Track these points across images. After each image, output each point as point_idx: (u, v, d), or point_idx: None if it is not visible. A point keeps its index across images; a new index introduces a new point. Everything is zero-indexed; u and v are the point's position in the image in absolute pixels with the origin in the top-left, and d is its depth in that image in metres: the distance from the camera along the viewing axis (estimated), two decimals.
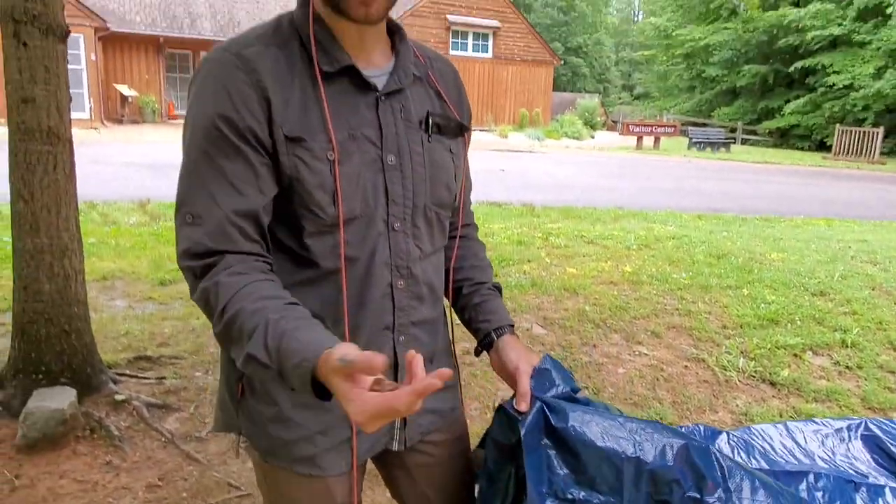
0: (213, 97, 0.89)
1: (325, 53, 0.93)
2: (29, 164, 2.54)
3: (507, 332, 1.12)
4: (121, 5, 19.83)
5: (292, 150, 0.90)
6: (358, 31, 0.96)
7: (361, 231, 0.96)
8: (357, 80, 0.95)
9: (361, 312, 0.99)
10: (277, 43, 0.93)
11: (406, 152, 0.99)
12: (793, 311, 4.36)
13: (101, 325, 3.65)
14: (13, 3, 2.44)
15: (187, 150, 0.91)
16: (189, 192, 0.90)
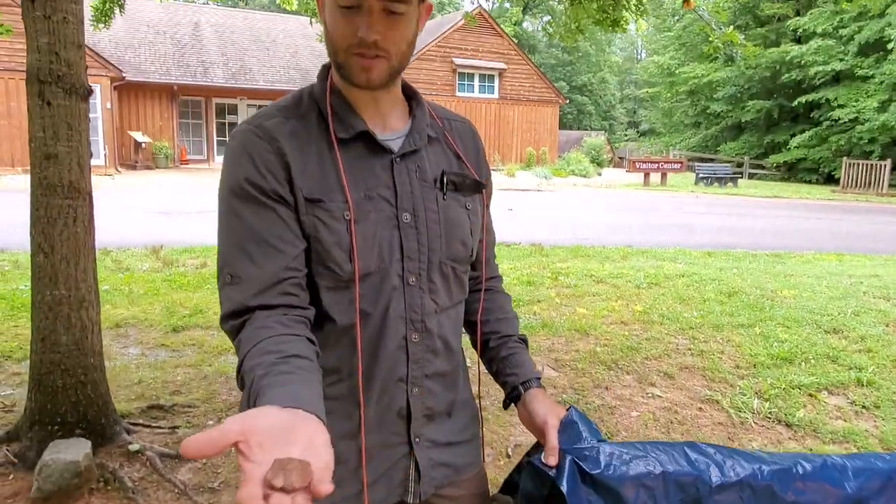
0: (239, 165, 0.96)
1: (341, 121, 1.00)
2: (50, 217, 2.61)
3: (534, 386, 1.14)
4: (136, 55, 20.43)
5: (311, 210, 0.96)
6: (372, 99, 1.03)
7: (376, 286, 1.00)
8: (372, 144, 1.01)
9: (375, 364, 1.02)
10: (297, 115, 1.01)
11: (421, 210, 1.03)
12: (806, 350, 4.32)
13: (115, 374, 3.68)
14: (39, 65, 2.55)
15: (222, 215, 0.98)
16: (227, 254, 0.95)
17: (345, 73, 0.97)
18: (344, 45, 0.95)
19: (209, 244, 7.89)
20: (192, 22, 23.23)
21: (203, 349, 4.26)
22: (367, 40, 0.93)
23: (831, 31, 24.86)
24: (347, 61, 0.96)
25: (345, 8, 0.93)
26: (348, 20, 0.93)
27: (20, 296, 5.26)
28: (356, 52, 0.94)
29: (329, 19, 0.96)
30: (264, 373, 0.81)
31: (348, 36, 0.94)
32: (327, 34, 0.98)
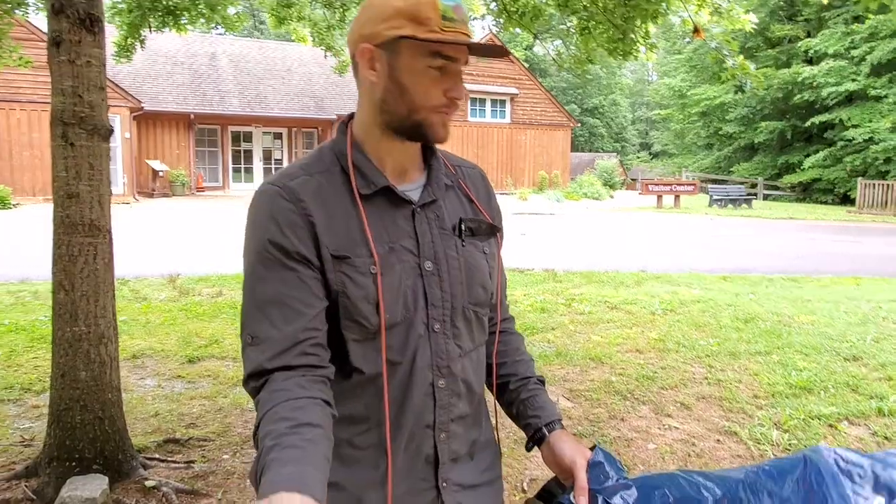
0: (263, 225, 0.99)
1: (363, 177, 1.03)
2: (71, 255, 2.66)
3: (557, 428, 1.15)
4: (154, 86, 20.87)
5: (338, 267, 0.98)
6: (398, 154, 1.07)
7: (403, 335, 1.02)
8: (393, 197, 1.05)
9: (403, 413, 1.04)
10: (320, 171, 1.03)
11: (442, 258, 1.06)
12: (825, 379, 4.26)
13: (132, 407, 3.70)
14: (63, 107, 2.62)
15: (246, 276, 1.01)
16: (249, 315, 0.98)
17: (423, 129, 1.01)
18: (431, 104, 1.00)
19: (224, 273, 7.97)
20: (209, 52, 23.72)
21: (218, 380, 4.28)
22: (460, 101, 1.00)
23: (843, 52, 24.87)
24: (429, 118, 1.00)
25: (435, 69, 0.98)
26: (437, 81, 0.99)
27: (40, 327, 5.33)
28: (443, 111, 1.00)
29: (411, 80, 0.99)
30: (273, 444, 0.84)
31: (437, 96, 0.99)
32: (404, 94, 1.00)
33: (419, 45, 0.97)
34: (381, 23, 0.98)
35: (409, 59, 0.98)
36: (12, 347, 4.85)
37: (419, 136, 1.03)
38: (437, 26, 0.96)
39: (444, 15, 0.95)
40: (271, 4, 6.33)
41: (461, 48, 0.99)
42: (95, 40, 2.61)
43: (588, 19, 3.99)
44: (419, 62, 0.98)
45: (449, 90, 0.99)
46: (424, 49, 0.97)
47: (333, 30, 6.72)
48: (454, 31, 0.97)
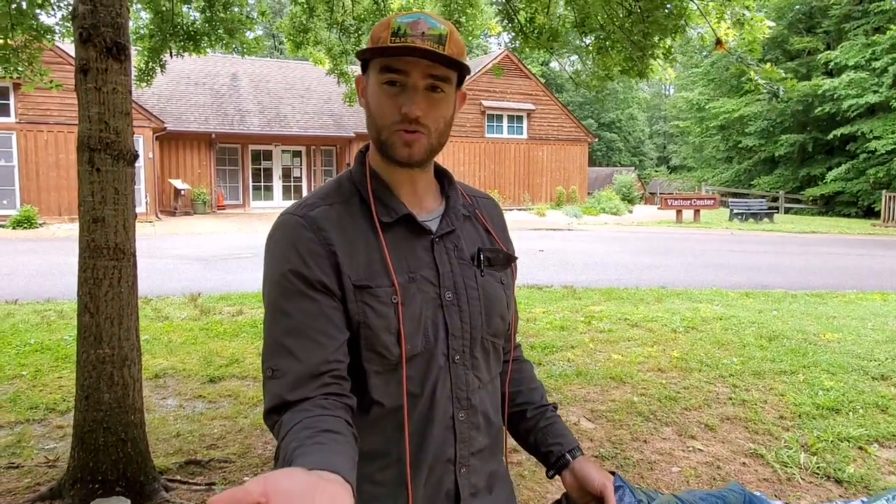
0: (283, 255, 0.98)
1: (384, 206, 1.03)
2: (96, 279, 2.71)
3: (578, 454, 1.19)
4: (177, 107, 21.26)
5: (360, 297, 0.97)
6: (410, 180, 1.06)
7: (423, 366, 1.01)
8: (413, 226, 1.04)
9: (424, 447, 1.02)
10: (340, 200, 1.04)
11: (462, 288, 1.06)
12: (854, 399, 4.17)
13: (154, 427, 3.73)
14: (90, 133, 2.68)
15: (266, 306, 1.00)
16: (270, 347, 0.97)
17: (387, 150, 1.00)
18: (388, 122, 0.99)
19: (245, 291, 8.04)
20: (230, 73, 24.13)
21: (239, 400, 4.30)
22: (411, 115, 0.97)
23: (864, 64, 24.59)
24: (390, 138, 0.99)
25: (389, 85, 0.98)
26: (393, 99, 0.98)
27: (65, 346, 5.41)
28: (399, 129, 0.99)
29: (373, 100, 1.01)
30: (297, 445, 0.83)
31: (392, 113, 0.98)
32: (370, 115, 1.02)
33: (375, 64, 1.00)
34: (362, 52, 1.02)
35: (372, 79, 1.01)
36: (38, 367, 4.93)
37: (388, 157, 1.02)
38: (387, 41, 0.96)
39: (395, 31, 0.96)
40: (288, 29, 6.45)
41: (415, 61, 0.97)
42: (122, 68, 2.67)
43: (605, 38, 4.00)
44: (375, 81, 1.00)
45: (403, 106, 0.98)
46: (378, 66, 0.99)
47: (348, 55, 6.82)
48: (404, 45, 0.95)
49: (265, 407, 0.96)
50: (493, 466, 1.14)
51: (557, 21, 4.15)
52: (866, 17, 25.54)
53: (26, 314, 6.70)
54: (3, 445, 3.55)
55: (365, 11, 6.42)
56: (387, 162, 1.04)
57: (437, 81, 0.98)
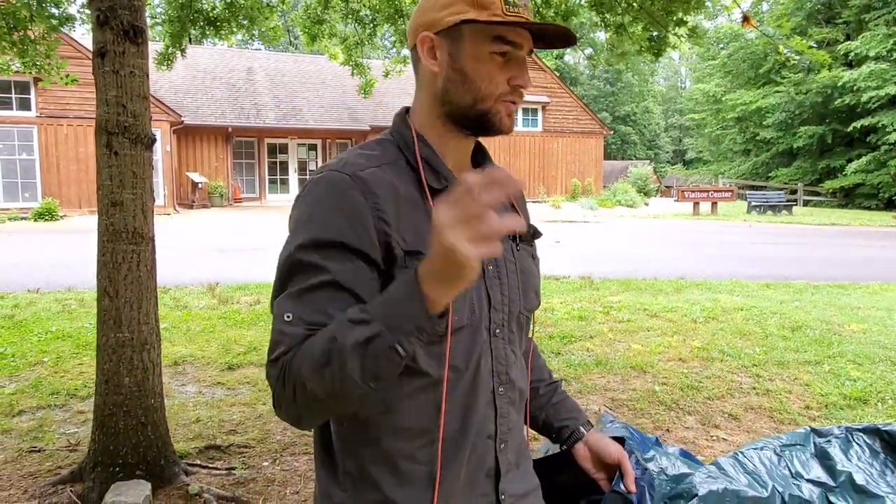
0: (327, 218, 0.90)
1: (433, 171, 0.98)
2: (115, 262, 2.70)
3: (591, 427, 1.23)
4: (194, 100, 21.38)
5: (410, 263, 0.90)
6: (463, 149, 1.04)
7: (468, 339, 0.97)
8: None
9: (468, 423, 0.98)
10: (387, 162, 0.97)
11: (502, 262, 1.03)
12: (882, 389, 4.08)
13: (173, 413, 3.73)
14: (107, 117, 2.67)
15: (291, 259, 0.90)
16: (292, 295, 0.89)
17: (488, 119, 0.97)
18: (496, 92, 0.96)
19: (262, 281, 8.05)
20: (246, 67, 24.21)
21: (258, 387, 4.30)
22: (525, 87, 0.96)
23: (885, 55, 24.12)
24: (494, 107, 0.96)
25: (499, 55, 0.95)
26: (501, 68, 0.95)
27: (85, 334, 5.45)
28: (507, 99, 0.96)
29: (475, 67, 0.95)
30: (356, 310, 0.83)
31: (501, 83, 0.95)
32: (466, 82, 0.96)
33: (482, 31, 0.94)
34: (441, 10, 0.95)
35: (472, 45, 0.95)
36: (59, 354, 4.96)
37: (483, 128, 0.98)
38: (500, 10, 0.92)
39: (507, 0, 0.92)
40: (303, 21, 6.39)
41: (525, 34, 0.95)
42: (139, 51, 2.66)
43: (623, 14, 3.91)
44: (482, 48, 0.95)
45: (514, 78, 0.95)
46: (487, 34, 0.94)
47: (363, 46, 6.75)
48: (517, 15, 0.93)
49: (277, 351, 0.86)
50: (520, 440, 1.12)
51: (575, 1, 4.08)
52: (887, 6, 25.02)
53: (48, 303, 6.77)
54: (25, 430, 3.57)
55: (380, 1, 6.36)
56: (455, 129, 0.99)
57: (529, 55, 0.99)
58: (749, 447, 1.42)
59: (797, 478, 1.36)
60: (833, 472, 1.38)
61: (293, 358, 0.84)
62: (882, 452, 1.42)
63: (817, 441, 1.44)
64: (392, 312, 0.78)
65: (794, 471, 1.38)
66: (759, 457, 1.38)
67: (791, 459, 1.39)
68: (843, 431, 1.45)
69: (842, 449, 1.41)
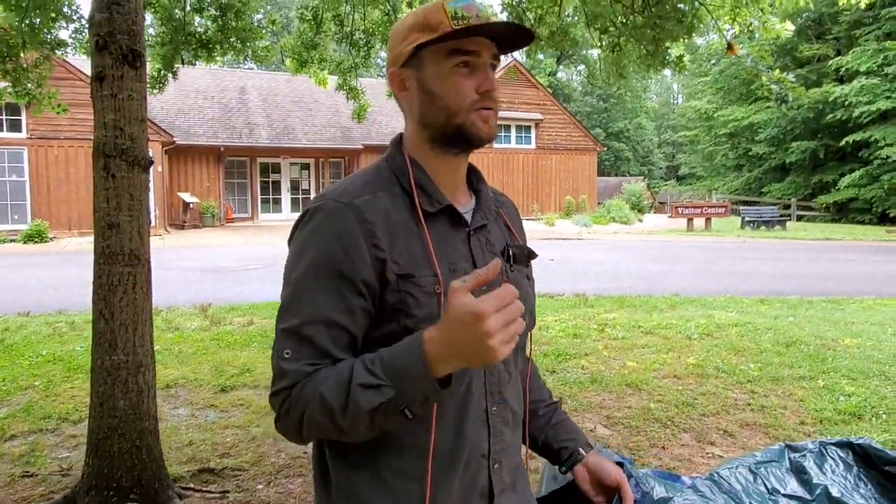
0: (325, 245, 0.95)
1: (427, 195, 1.02)
2: (111, 285, 2.70)
3: (591, 448, 1.24)
4: (186, 120, 21.43)
5: (403, 286, 0.96)
6: (454, 171, 1.06)
7: None
8: (453, 217, 1.04)
9: (461, 441, 1.00)
10: (382, 188, 1.01)
11: (495, 282, 1.04)
12: (876, 404, 4.09)
13: (166, 436, 3.71)
14: (105, 140, 2.68)
15: (293, 288, 0.96)
16: (290, 331, 0.95)
17: (466, 131, 1.00)
18: (466, 104, 0.99)
19: (255, 301, 8.03)
20: (239, 87, 24.33)
21: (251, 409, 4.27)
22: (493, 91, 0.99)
23: (876, 70, 24.43)
24: (468, 118, 0.99)
25: (461, 67, 0.98)
26: (465, 79, 0.99)
27: (76, 357, 5.41)
28: (479, 107, 0.99)
29: (440, 84, 0.99)
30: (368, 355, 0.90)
31: (468, 93, 0.99)
32: (436, 101, 1.00)
33: (438, 50, 0.98)
34: (400, 44, 1.01)
35: (433, 66, 0.99)
36: (50, 377, 4.93)
37: (463, 140, 1.01)
38: (448, 26, 0.96)
39: (453, 15, 0.96)
40: (294, 47, 6.42)
41: (482, 41, 0.99)
42: (137, 74, 2.68)
43: (618, 36, 3.98)
44: (443, 66, 0.99)
45: (480, 85, 0.99)
46: (442, 51, 0.98)
47: (357, 69, 6.80)
48: (465, 24, 0.96)
49: (279, 385, 0.93)
50: (516, 461, 1.14)
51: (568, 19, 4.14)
52: (877, 22, 25.40)
53: (38, 326, 6.72)
54: (17, 455, 3.54)
55: (374, 24, 6.41)
56: (441, 150, 1.03)
57: (495, 60, 1.01)
58: (724, 466, 1.44)
59: (774, 494, 1.38)
60: (809, 485, 1.40)
61: (298, 393, 0.91)
62: (855, 465, 1.44)
63: (792, 456, 1.46)
64: (404, 385, 0.84)
65: (771, 487, 1.39)
66: (735, 476, 1.40)
67: (767, 476, 1.42)
68: (818, 446, 1.47)
69: (816, 463, 1.43)
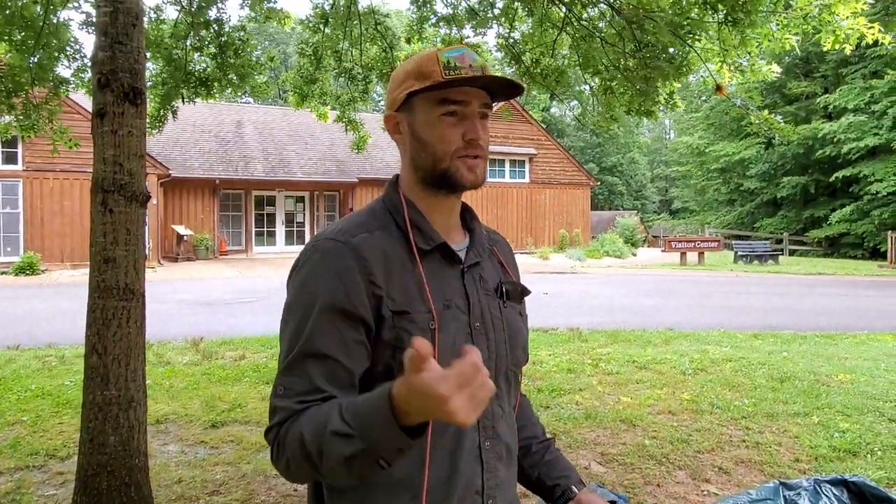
0: (324, 283, 0.98)
1: (422, 233, 1.05)
2: (105, 319, 2.70)
3: (583, 486, 1.23)
4: (182, 153, 21.56)
5: (398, 322, 0.98)
6: (447, 210, 1.10)
7: None
8: (447, 255, 1.07)
9: (455, 477, 1.01)
10: (378, 227, 1.05)
11: (488, 318, 1.08)
12: (871, 441, 4.08)
13: (156, 473, 3.65)
14: (104, 175, 2.71)
15: (292, 324, 0.99)
16: (289, 367, 0.97)
17: (451, 177, 1.04)
18: (451, 150, 1.03)
19: (248, 335, 7.99)
20: (235, 120, 24.56)
21: (241, 446, 4.22)
22: (478, 140, 1.03)
23: (863, 107, 24.90)
24: (453, 164, 1.03)
25: (449, 116, 1.02)
26: (453, 128, 1.02)
27: (65, 392, 5.35)
28: (462, 155, 1.03)
29: (428, 131, 1.03)
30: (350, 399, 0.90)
31: (454, 140, 1.03)
32: (425, 146, 1.04)
33: (428, 98, 1.02)
34: (396, 89, 1.06)
35: (423, 113, 1.04)
36: (38, 412, 4.86)
37: (449, 185, 1.05)
38: (440, 75, 1.00)
39: (445, 65, 1.00)
40: (295, 81, 6.55)
41: (472, 91, 1.03)
42: (137, 111, 2.72)
43: (611, 79, 4.08)
44: (432, 113, 1.03)
45: (466, 133, 1.02)
46: (433, 99, 1.02)
47: (356, 102, 6.92)
48: (457, 75, 1.00)
49: (272, 421, 0.96)
50: (510, 497, 1.14)
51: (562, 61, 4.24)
52: (863, 61, 25.98)
53: (27, 360, 6.65)
54: (2, 492, 3.47)
55: (372, 60, 6.55)
56: (433, 191, 1.06)
57: (486, 109, 1.05)
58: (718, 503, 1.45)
59: None
60: None
61: (286, 431, 0.92)
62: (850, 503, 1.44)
63: (787, 494, 1.46)
64: (374, 436, 0.83)
65: None
66: None
67: None
68: (812, 483, 1.47)
69: (811, 501, 1.43)
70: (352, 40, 6.22)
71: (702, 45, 3.97)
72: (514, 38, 5.02)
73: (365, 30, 6.00)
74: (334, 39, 6.19)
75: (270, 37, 44.02)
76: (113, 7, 2.68)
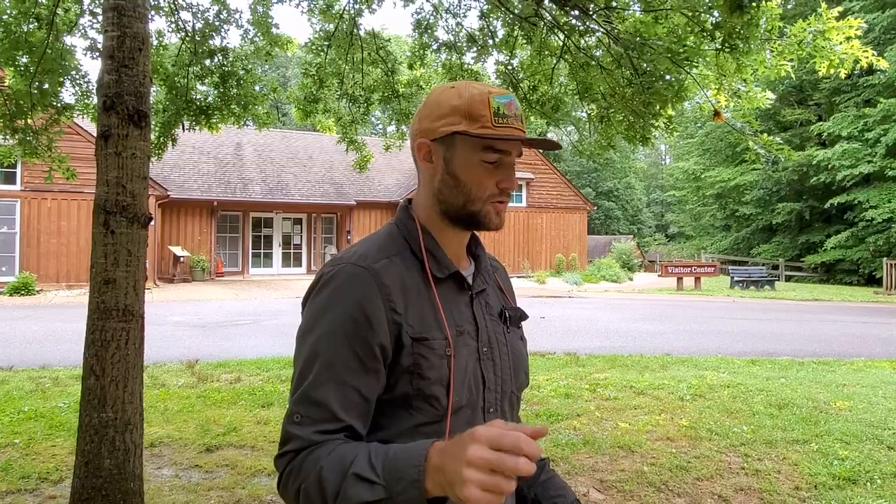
0: (346, 309, 0.98)
1: (436, 261, 1.07)
2: (104, 340, 2.69)
3: None
4: (181, 174, 21.63)
5: (417, 349, 1.00)
6: (459, 240, 1.12)
7: (466, 419, 1.03)
8: (459, 282, 1.09)
9: None
10: (395, 253, 1.07)
11: (495, 343, 1.10)
12: (870, 469, 4.06)
13: (150, 498, 3.61)
14: (107, 197, 2.73)
15: (310, 349, 0.99)
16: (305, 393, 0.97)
17: (479, 219, 1.06)
18: (485, 195, 1.05)
19: (243, 357, 7.94)
20: (235, 142, 24.71)
21: (237, 470, 4.18)
22: (512, 190, 1.06)
23: (857, 134, 25.17)
24: (484, 208, 1.06)
25: (489, 164, 1.04)
26: (490, 174, 1.05)
27: (59, 414, 5.30)
28: (495, 201, 1.06)
29: (467, 172, 1.05)
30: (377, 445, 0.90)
31: (490, 187, 1.05)
32: (459, 186, 1.06)
33: (473, 140, 1.03)
34: (438, 119, 1.06)
35: (464, 153, 1.05)
36: (31, 435, 4.81)
37: (474, 225, 1.08)
38: (490, 122, 1.02)
39: (496, 111, 1.02)
40: (298, 99, 6.62)
41: (513, 143, 1.04)
42: (141, 134, 2.75)
43: (607, 108, 4.14)
44: (473, 156, 1.04)
45: (501, 181, 1.05)
46: (478, 144, 1.03)
47: (357, 124, 6.98)
48: (506, 126, 1.02)
49: (285, 448, 0.96)
50: None
51: (560, 89, 4.30)
52: (856, 90, 26.34)
53: (21, 381, 6.59)
54: None
55: (375, 83, 6.62)
56: (451, 224, 1.08)
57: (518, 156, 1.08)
58: None
59: None
60: None
61: (302, 461, 0.93)
62: None
63: None
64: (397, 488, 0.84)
65: None
66: None
67: None
68: None
69: None
70: (353, 65, 6.29)
71: (699, 71, 4.04)
72: (512, 66, 5.10)
73: (367, 54, 6.08)
74: (337, 63, 6.26)
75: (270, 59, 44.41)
76: (120, 32, 2.72)
